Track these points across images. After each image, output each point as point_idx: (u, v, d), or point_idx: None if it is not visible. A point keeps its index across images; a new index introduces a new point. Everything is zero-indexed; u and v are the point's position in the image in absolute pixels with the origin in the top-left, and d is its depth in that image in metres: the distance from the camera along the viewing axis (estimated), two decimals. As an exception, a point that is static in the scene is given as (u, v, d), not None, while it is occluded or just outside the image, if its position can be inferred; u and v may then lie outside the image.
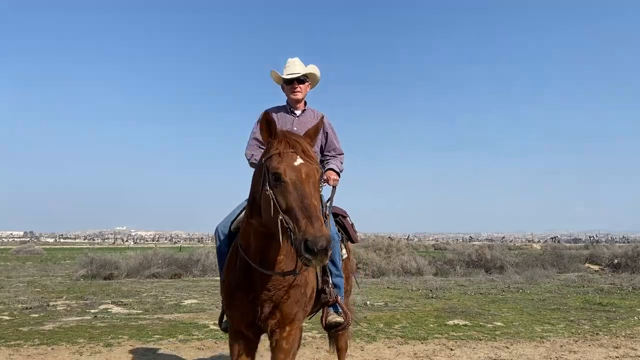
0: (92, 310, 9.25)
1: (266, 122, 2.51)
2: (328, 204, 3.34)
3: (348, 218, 3.99)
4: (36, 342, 6.52)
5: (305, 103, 3.81)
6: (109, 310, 9.34)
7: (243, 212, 3.03)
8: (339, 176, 3.68)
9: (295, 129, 3.61)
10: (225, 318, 3.23)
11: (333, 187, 3.54)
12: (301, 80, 3.70)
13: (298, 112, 3.76)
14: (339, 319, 3.29)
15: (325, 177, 3.57)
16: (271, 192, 2.33)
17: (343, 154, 3.89)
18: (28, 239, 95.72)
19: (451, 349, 6.17)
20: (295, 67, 3.70)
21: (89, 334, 7.05)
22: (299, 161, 2.39)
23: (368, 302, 10.10)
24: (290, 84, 3.69)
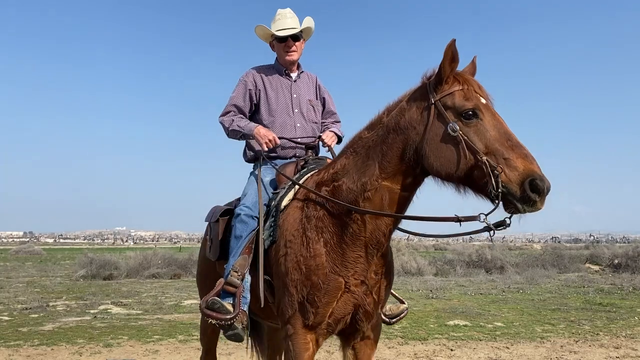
0: (92, 311, 9.24)
1: (453, 54, 2.10)
2: None
3: None
4: (36, 342, 6.52)
5: (299, 65, 3.27)
6: (109, 310, 9.33)
7: (292, 190, 2.62)
8: (340, 142, 3.16)
9: (294, 95, 3.15)
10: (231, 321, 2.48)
11: (329, 148, 3.09)
12: (296, 37, 3.10)
13: (294, 76, 3.21)
14: (404, 305, 2.85)
15: (322, 137, 3.12)
16: (460, 132, 2.03)
17: (340, 122, 3.38)
18: (27, 239, 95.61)
19: (451, 350, 6.16)
20: (287, 20, 3.09)
21: (89, 334, 7.04)
22: (483, 100, 2.12)
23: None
24: (283, 42, 3.09)
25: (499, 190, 1.90)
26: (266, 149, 2.93)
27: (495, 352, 6.07)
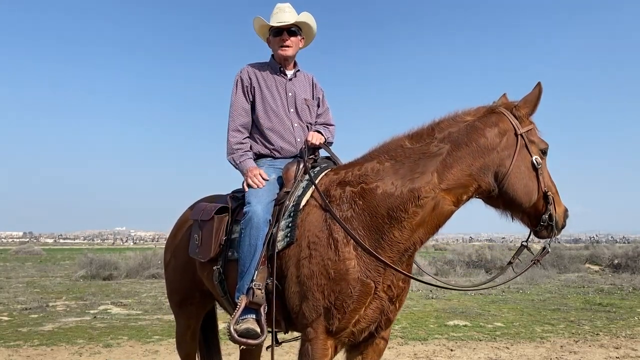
0: (92, 311, 9.24)
1: (540, 92, 2.40)
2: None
3: None
4: (35, 342, 6.51)
5: (296, 63, 3.10)
6: (109, 310, 9.32)
7: (311, 188, 2.53)
8: (324, 144, 2.95)
9: (290, 94, 2.99)
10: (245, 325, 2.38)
11: (310, 146, 2.86)
12: (292, 31, 2.95)
13: (289, 74, 3.04)
14: None
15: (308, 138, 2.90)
16: (540, 167, 2.35)
17: (334, 125, 3.19)
18: (27, 240, 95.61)
19: (451, 350, 6.16)
20: (284, 14, 2.96)
21: (89, 334, 7.04)
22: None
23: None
24: (278, 36, 2.95)
25: (552, 222, 2.32)
26: (246, 188, 2.72)
27: (495, 352, 6.07)
